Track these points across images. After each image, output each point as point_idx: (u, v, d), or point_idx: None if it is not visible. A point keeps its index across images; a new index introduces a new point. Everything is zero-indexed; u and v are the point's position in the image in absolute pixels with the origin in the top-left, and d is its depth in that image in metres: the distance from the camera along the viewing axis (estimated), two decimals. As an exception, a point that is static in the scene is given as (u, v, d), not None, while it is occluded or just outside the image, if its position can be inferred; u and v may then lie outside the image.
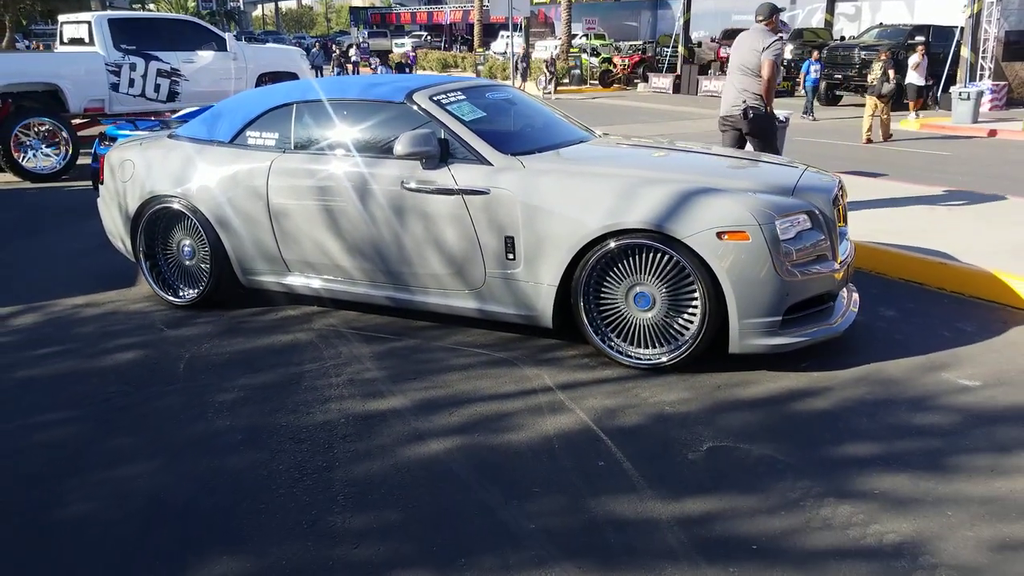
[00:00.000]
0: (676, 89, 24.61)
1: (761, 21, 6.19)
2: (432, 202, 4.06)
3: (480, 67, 29.45)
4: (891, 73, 13.11)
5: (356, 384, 3.69)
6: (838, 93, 19.97)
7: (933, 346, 4.03)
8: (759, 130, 6.26)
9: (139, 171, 4.88)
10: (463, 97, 4.44)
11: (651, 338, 3.79)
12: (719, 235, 3.52)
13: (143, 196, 4.83)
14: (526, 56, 25.62)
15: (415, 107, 4.24)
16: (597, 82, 27.56)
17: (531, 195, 3.86)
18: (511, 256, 3.94)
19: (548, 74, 24.67)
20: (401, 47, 38.89)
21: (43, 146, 10.15)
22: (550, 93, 23.99)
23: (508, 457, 3.01)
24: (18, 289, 5.31)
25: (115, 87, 10.84)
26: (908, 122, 14.98)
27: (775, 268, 3.53)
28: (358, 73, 29.17)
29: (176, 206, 4.72)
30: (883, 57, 13.48)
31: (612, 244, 3.70)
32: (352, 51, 33.58)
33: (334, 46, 35.61)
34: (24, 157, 9.96)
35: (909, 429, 3.18)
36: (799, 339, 3.67)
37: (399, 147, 3.99)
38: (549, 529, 2.54)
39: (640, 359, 3.79)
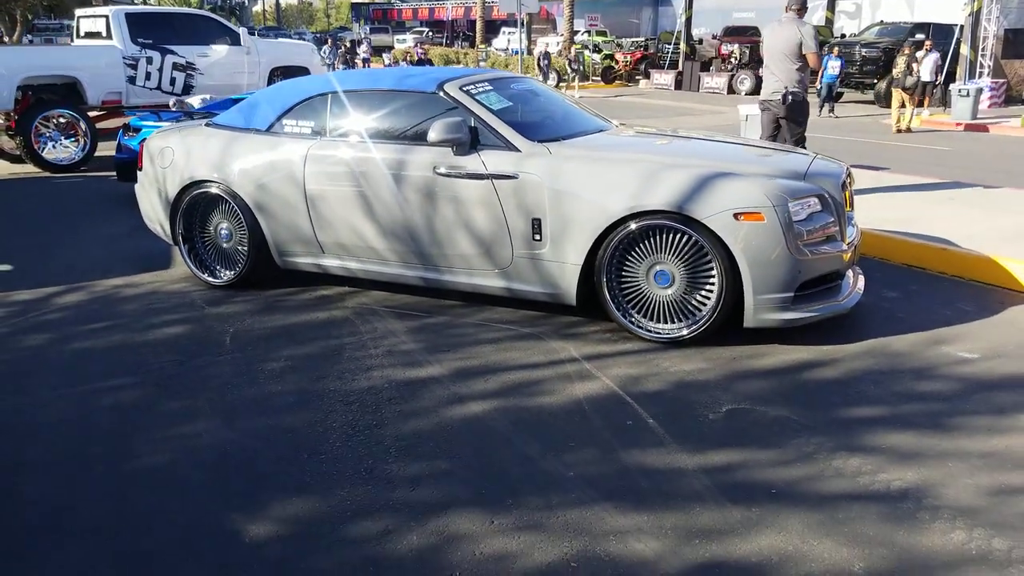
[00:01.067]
0: (678, 85, 24.87)
1: (795, 10, 6.65)
2: (463, 186, 4.30)
3: (483, 63, 29.66)
4: (915, 67, 13.65)
5: (394, 355, 3.94)
6: (839, 90, 20.20)
7: (934, 323, 4.29)
8: (794, 115, 6.74)
9: (178, 158, 5.12)
10: (491, 88, 4.69)
11: (670, 314, 4.04)
12: (736, 216, 3.77)
13: (183, 181, 5.06)
14: (547, 54, 25.00)
15: (446, 96, 4.48)
16: (599, 78, 27.77)
17: (557, 179, 4.10)
18: (538, 237, 4.19)
19: (571, 71, 24.49)
20: (402, 43, 39.07)
21: (62, 138, 10.37)
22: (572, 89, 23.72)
23: (543, 417, 3.26)
24: (57, 271, 5.54)
25: (132, 80, 11.06)
26: (895, 119, 15.20)
27: (788, 247, 3.78)
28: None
29: (215, 191, 4.96)
30: (906, 51, 14.01)
31: (634, 225, 3.95)
32: (363, 47, 33.52)
33: (335, 42, 35.79)
34: (44, 148, 10.19)
35: (913, 395, 3.43)
36: (809, 314, 3.93)
37: (432, 134, 4.23)
38: (586, 476, 2.80)
39: (660, 333, 4.04)
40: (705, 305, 3.95)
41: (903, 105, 13.94)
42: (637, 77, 27.86)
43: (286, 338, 4.20)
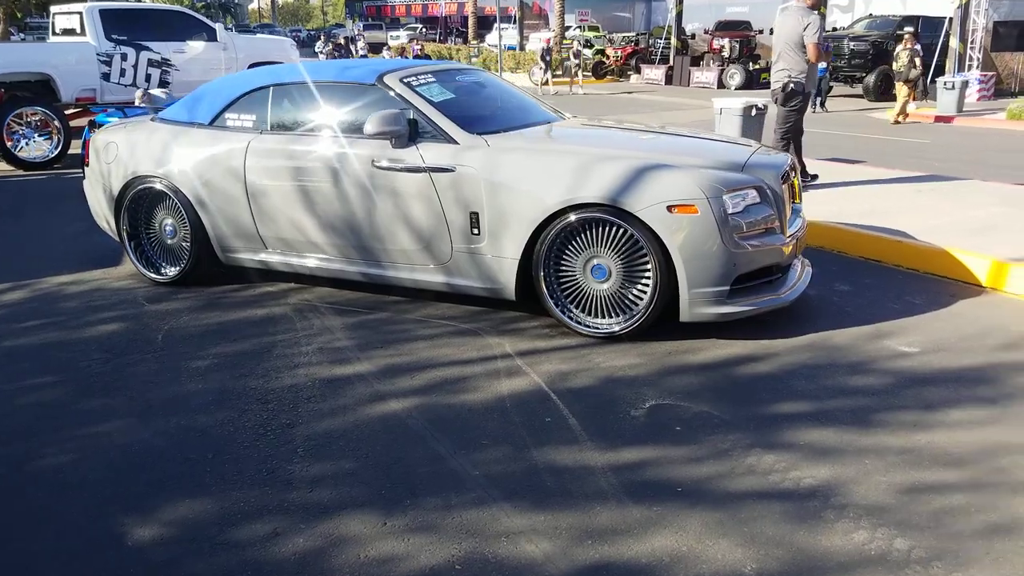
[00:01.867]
0: (668, 80, 24.77)
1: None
2: (401, 180, 4.23)
3: (475, 59, 29.56)
4: (917, 61, 13.70)
5: (325, 352, 3.87)
6: (829, 83, 20.08)
7: (880, 317, 4.22)
8: (787, 104, 6.83)
9: (123, 152, 5.05)
10: (433, 79, 4.61)
11: (607, 308, 3.97)
12: (669, 208, 3.70)
13: (126, 176, 5.00)
14: (549, 51, 23.76)
15: (386, 88, 4.41)
16: (590, 74, 27.65)
17: (494, 172, 4.03)
18: (476, 231, 4.12)
19: (574, 66, 23.30)
20: (396, 39, 38.95)
21: (36, 135, 10.30)
22: (578, 86, 22.98)
23: (462, 414, 3.19)
24: (7, 268, 5.48)
25: (106, 77, 10.99)
26: (893, 111, 15.12)
27: (723, 240, 3.71)
28: None
29: (158, 186, 4.89)
30: (909, 45, 14.00)
31: (570, 218, 3.88)
32: (360, 43, 33.27)
33: (328, 38, 35.72)
34: (17, 146, 10.12)
35: (843, 389, 3.36)
36: (746, 308, 3.86)
37: (369, 126, 4.16)
38: (492, 475, 2.73)
39: (598, 328, 3.97)
40: (641, 299, 3.88)
41: (907, 99, 14.11)
42: (628, 72, 27.74)
43: (219, 335, 4.14)
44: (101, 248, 5.81)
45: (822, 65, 17.24)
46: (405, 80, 4.46)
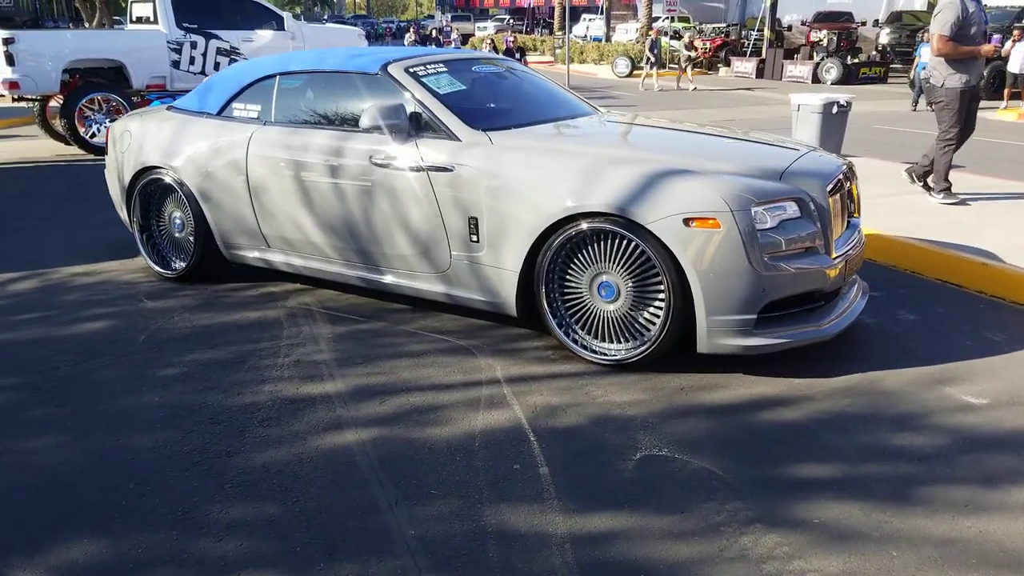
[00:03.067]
0: (759, 74, 23.60)
1: None
2: (399, 179, 3.85)
3: (558, 50, 29.02)
4: None
5: (300, 366, 3.53)
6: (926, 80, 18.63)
7: (947, 356, 3.57)
8: (936, 104, 6.06)
9: (135, 142, 4.86)
10: (444, 69, 4.20)
11: (615, 332, 3.48)
12: (686, 222, 3.17)
13: (135, 167, 4.81)
14: (656, 43, 20.92)
15: (390, 79, 4.03)
16: (676, 66, 26.70)
17: (495, 173, 3.60)
18: (475, 238, 3.70)
19: (686, 60, 20.84)
20: (483, 31, 38.76)
21: (107, 120, 10.45)
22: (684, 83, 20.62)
23: (421, 453, 2.78)
24: (31, 255, 5.41)
25: (176, 64, 11.08)
26: (1004, 112, 13.80)
27: (750, 261, 3.16)
28: None
29: (166, 178, 4.67)
30: (1016, 38, 12.84)
31: (575, 229, 3.41)
32: (454, 35, 32.95)
33: (418, 30, 35.82)
34: (88, 131, 10.31)
35: (883, 450, 2.78)
36: (777, 341, 3.29)
37: (365, 119, 3.79)
38: (428, 537, 2.31)
39: (605, 354, 3.49)
40: (653, 325, 3.37)
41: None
42: (718, 65, 26.63)
43: (201, 340, 3.86)
44: (126, 239, 5.66)
45: (926, 59, 16.06)
46: (411, 70, 4.07)
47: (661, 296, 3.31)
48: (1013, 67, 13.80)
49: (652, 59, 20.57)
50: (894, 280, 4.69)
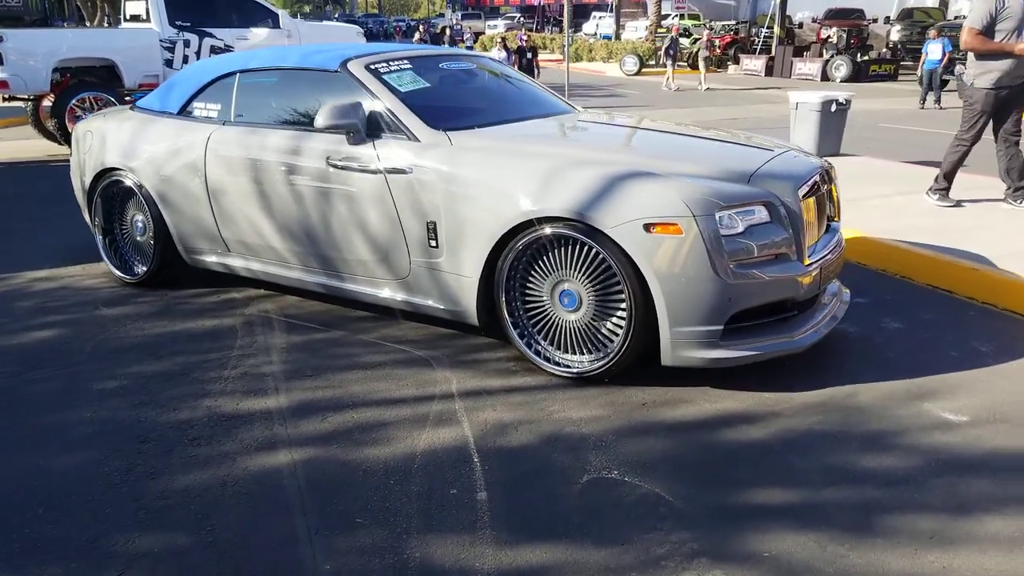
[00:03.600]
0: (769, 72, 23.30)
1: None
2: (356, 181, 3.68)
3: (567, 48, 28.73)
4: None
5: (246, 379, 3.37)
6: (944, 77, 18.28)
7: (929, 368, 3.36)
8: (964, 101, 5.72)
9: (95, 143, 4.72)
10: (408, 66, 4.03)
11: (579, 343, 3.30)
12: (647, 227, 2.98)
13: (95, 168, 4.67)
14: (676, 41, 19.82)
15: (349, 76, 3.86)
16: (685, 64, 26.44)
17: (453, 175, 3.42)
18: (434, 243, 3.52)
19: (706, 59, 19.81)
20: (494, 28, 38.58)
21: (98, 120, 10.35)
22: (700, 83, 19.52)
23: (355, 476, 2.61)
24: (-3, 260, 5.29)
25: (169, 63, 10.96)
26: None
27: (715, 268, 2.97)
28: None
29: (126, 181, 4.53)
30: None
31: (535, 234, 3.23)
32: (467, 35, 32.60)
33: (429, 28, 35.64)
34: (79, 131, 10.20)
35: (849, 473, 2.58)
36: (746, 353, 3.10)
37: (319, 119, 3.62)
38: (344, 571, 2.13)
39: (569, 367, 3.31)
40: (616, 336, 3.18)
41: None
42: (727, 62, 26.32)
43: (149, 350, 3.71)
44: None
45: (935, 56, 15.71)
46: (372, 67, 3.90)
47: (623, 306, 3.13)
48: None
49: (671, 56, 19.66)
50: (881, 285, 4.48)
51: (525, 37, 27.41)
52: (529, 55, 14.13)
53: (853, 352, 3.55)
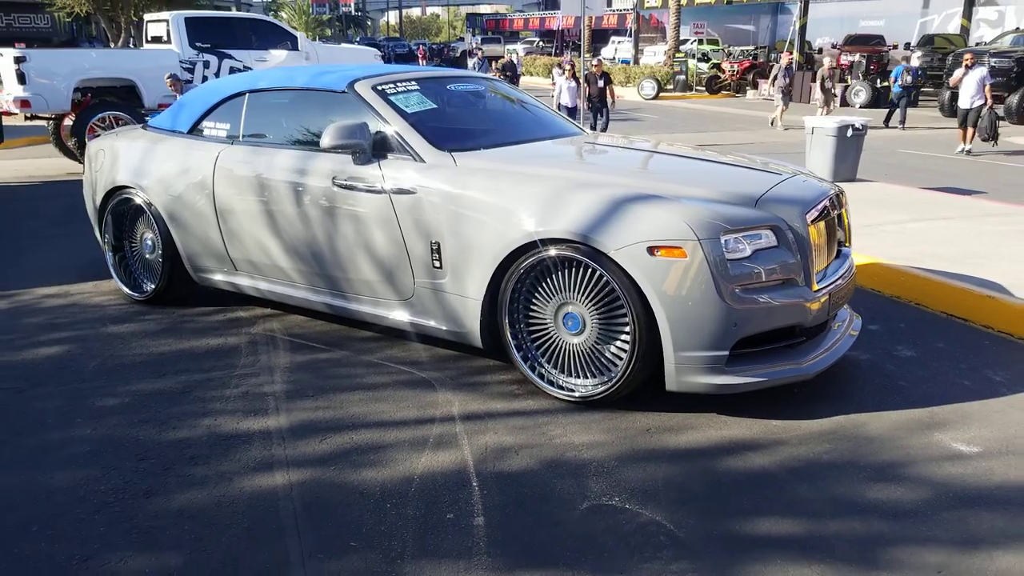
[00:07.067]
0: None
1: None
2: (362, 201, 3.68)
3: (587, 72, 28.86)
4: None
5: (248, 398, 3.35)
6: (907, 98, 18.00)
7: (941, 398, 3.29)
8: None
9: (107, 161, 4.76)
10: (415, 88, 4.04)
11: (582, 366, 3.26)
12: (651, 250, 2.95)
13: (106, 187, 4.71)
14: (788, 71, 16.18)
15: (356, 96, 3.87)
16: (704, 88, 26.49)
17: (458, 196, 3.41)
18: (437, 264, 3.50)
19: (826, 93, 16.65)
20: (512, 52, 38.87)
21: (117, 140, 10.49)
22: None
23: (350, 499, 2.57)
24: (7, 275, 5.32)
25: (189, 83, 11.11)
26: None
27: (719, 292, 2.93)
28: None
29: (136, 199, 4.56)
30: None
31: (539, 256, 3.20)
32: (477, 57, 32.85)
33: (449, 52, 35.94)
34: (99, 150, 10.34)
35: (856, 504, 2.51)
36: (752, 379, 3.04)
37: (325, 139, 3.63)
38: (333, 597, 2.10)
39: (572, 390, 3.26)
40: (620, 360, 3.14)
41: None
42: (745, 88, 26.31)
43: (153, 368, 3.70)
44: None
45: (902, 81, 15.07)
46: (379, 87, 3.91)
47: (627, 329, 3.09)
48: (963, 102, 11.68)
49: (786, 93, 15.84)
50: (895, 312, 4.41)
51: (518, 59, 25.15)
52: (601, 83, 12.46)
53: (864, 380, 3.48)
